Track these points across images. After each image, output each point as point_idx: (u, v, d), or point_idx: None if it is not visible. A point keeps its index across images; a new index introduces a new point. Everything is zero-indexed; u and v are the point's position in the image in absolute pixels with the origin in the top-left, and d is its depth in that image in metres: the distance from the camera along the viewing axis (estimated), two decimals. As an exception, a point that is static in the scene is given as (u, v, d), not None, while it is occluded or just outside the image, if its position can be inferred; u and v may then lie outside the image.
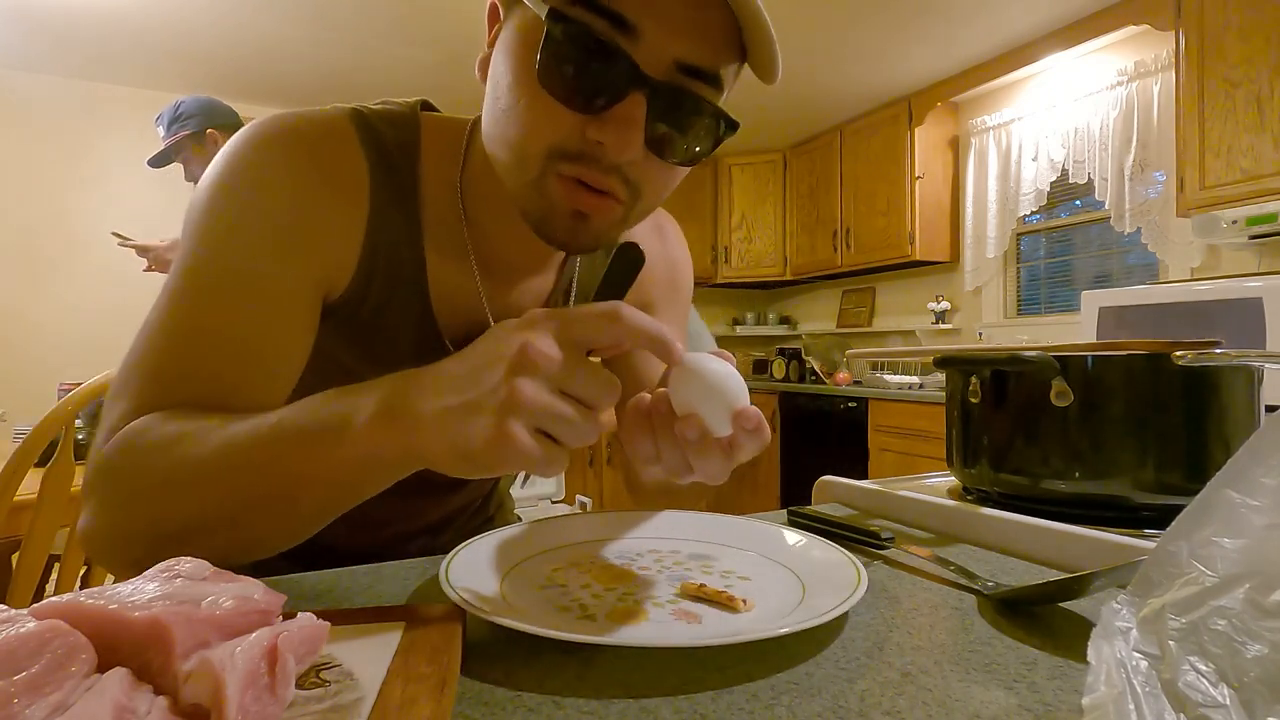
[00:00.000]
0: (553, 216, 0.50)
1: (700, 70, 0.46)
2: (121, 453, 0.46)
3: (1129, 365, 0.61)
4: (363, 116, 0.57)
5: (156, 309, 0.51)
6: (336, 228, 0.55)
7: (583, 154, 0.47)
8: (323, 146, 0.55)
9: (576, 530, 0.58)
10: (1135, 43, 2.92)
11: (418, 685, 0.30)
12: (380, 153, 0.57)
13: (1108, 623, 0.28)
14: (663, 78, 0.45)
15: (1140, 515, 0.60)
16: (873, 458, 3.42)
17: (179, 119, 2.06)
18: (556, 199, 0.49)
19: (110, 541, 0.46)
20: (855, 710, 0.32)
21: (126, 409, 0.48)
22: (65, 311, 3.40)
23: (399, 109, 0.60)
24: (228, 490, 0.43)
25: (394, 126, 0.58)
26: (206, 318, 0.50)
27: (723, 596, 0.44)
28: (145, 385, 0.49)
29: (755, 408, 0.41)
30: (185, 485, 0.44)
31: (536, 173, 0.48)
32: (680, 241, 0.80)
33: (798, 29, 3.02)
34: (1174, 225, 2.78)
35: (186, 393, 0.48)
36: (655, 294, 0.76)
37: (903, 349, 1.03)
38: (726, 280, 4.63)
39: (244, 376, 0.50)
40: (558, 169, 0.48)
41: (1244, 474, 0.29)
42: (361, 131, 0.56)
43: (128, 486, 0.46)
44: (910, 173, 3.64)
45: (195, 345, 0.49)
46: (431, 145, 0.59)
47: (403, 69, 3.39)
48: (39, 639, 0.25)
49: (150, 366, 0.49)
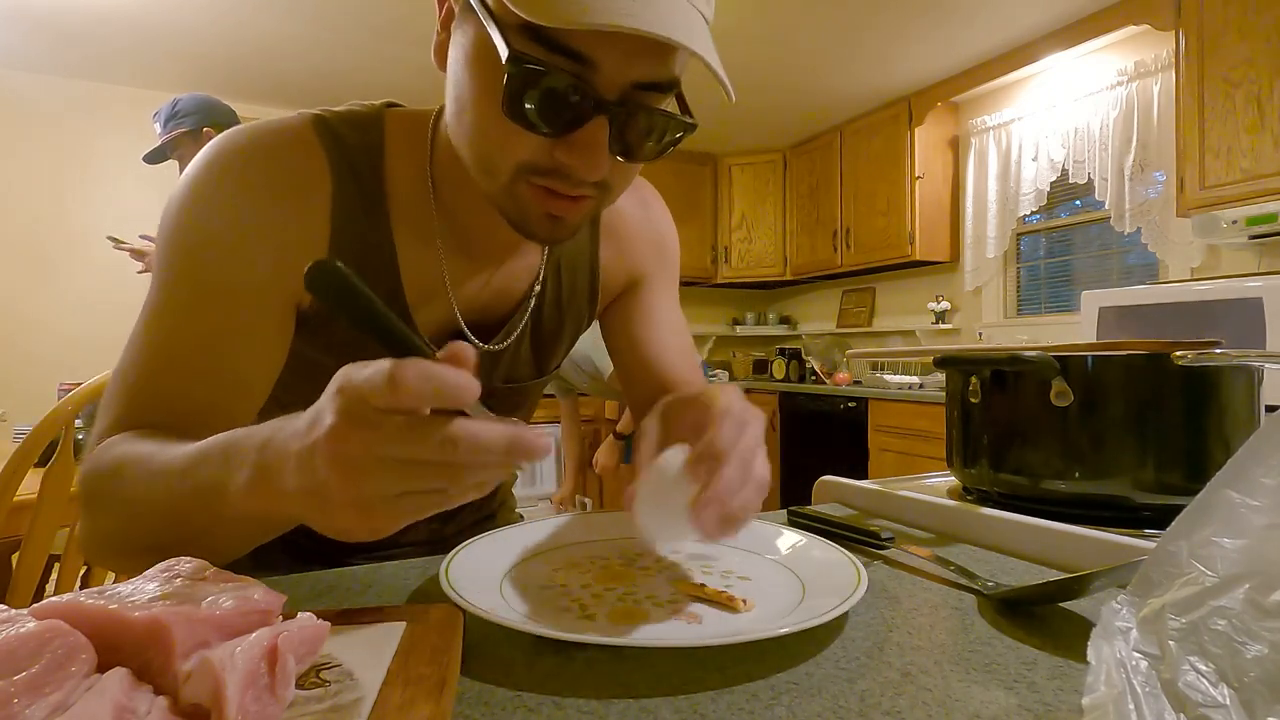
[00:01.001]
0: (528, 218, 0.52)
1: (656, 83, 0.48)
2: (95, 472, 0.49)
3: (1129, 365, 0.61)
4: (324, 122, 0.57)
5: (137, 325, 0.54)
6: (300, 237, 0.55)
7: (552, 171, 0.48)
8: (283, 157, 0.55)
9: (576, 530, 0.58)
10: (1135, 43, 2.92)
11: (417, 685, 0.30)
12: (343, 156, 0.57)
13: (1108, 623, 0.28)
14: (622, 98, 0.47)
15: (1140, 515, 0.60)
16: (873, 458, 3.42)
17: (176, 116, 2.06)
18: (529, 203, 0.50)
19: (101, 550, 0.50)
20: (855, 710, 0.32)
21: (104, 426, 0.52)
22: (65, 311, 3.40)
23: (362, 110, 0.60)
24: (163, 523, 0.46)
25: (357, 129, 0.58)
26: (177, 337, 0.53)
27: (723, 596, 0.44)
28: (121, 402, 0.52)
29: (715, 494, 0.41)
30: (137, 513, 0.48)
31: (507, 181, 0.50)
32: (664, 211, 0.79)
33: (798, 29, 3.02)
34: (1174, 225, 2.77)
35: (157, 411, 0.52)
36: (644, 266, 0.76)
37: (903, 349, 1.03)
38: (726, 280, 4.63)
39: (213, 393, 0.53)
40: (528, 179, 0.49)
41: (1244, 474, 0.29)
42: (323, 137, 0.57)
43: (97, 504, 0.50)
44: (910, 173, 3.64)
45: (167, 365, 0.53)
46: (397, 142, 0.59)
47: (402, 69, 3.39)
48: (39, 639, 0.25)
49: (126, 385, 0.53)
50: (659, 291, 0.78)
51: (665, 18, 0.43)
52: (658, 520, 0.42)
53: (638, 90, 0.47)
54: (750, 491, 0.43)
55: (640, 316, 0.76)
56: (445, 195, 0.60)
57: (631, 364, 0.77)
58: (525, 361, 0.70)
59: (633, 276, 0.76)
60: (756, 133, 4.28)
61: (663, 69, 0.47)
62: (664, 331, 0.77)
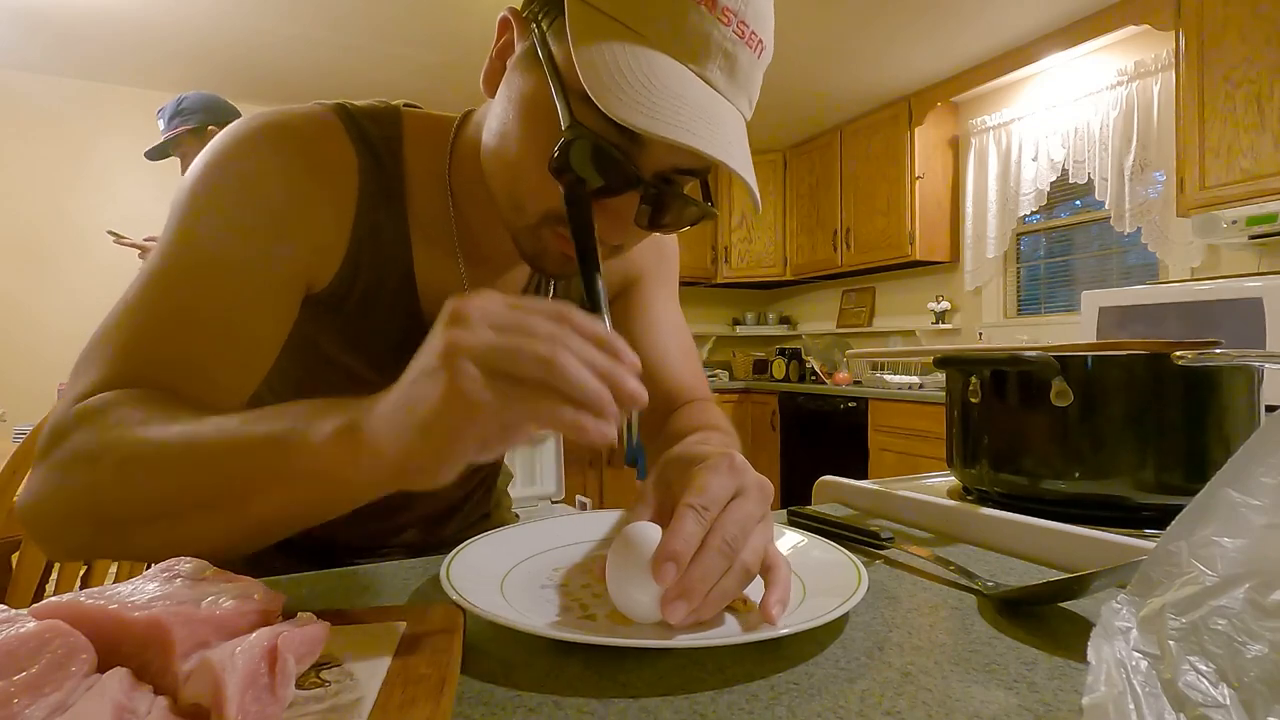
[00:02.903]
0: (544, 257, 0.54)
1: (692, 171, 0.51)
2: (84, 425, 0.44)
3: (1129, 365, 0.61)
4: (348, 112, 0.58)
5: (135, 286, 0.51)
6: (324, 218, 0.56)
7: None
8: (313, 139, 0.56)
9: (577, 530, 0.58)
10: (1135, 43, 2.92)
11: (417, 685, 0.30)
12: (367, 146, 0.58)
13: (1108, 623, 0.28)
14: (657, 178, 0.50)
15: (1140, 515, 0.60)
16: (873, 458, 3.42)
17: (180, 113, 2.06)
18: (549, 245, 0.53)
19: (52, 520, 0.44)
20: (855, 710, 0.32)
21: (95, 380, 0.47)
22: (65, 311, 3.40)
23: (382, 106, 0.61)
24: (184, 482, 0.42)
25: (378, 122, 0.59)
26: (183, 300, 0.50)
27: (723, 596, 0.44)
28: (117, 360, 0.48)
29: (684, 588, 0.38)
30: (142, 470, 0.42)
31: (533, 223, 0.52)
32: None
33: (799, 29, 3.02)
34: (1174, 225, 2.77)
35: (156, 371, 0.48)
36: (642, 265, 0.76)
37: (903, 349, 1.03)
38: (726, 280, 4.63)
39: (215, 361, 0.50)
40: (554, 228, 0.52)
41: (1244, 474, 0.29)
42: (348, 126, 0.57)
43: (85, 459, 0.43)
44: (910, 173, 3.64)
45: (170, 326, 0.49)
46: (415, 140, 0.60)
47: (402, 69, 3.39)
48: (39, 639, 0.25)
49: (123, 342, 0.49)
50: (656, 291, 0.78)
51: (720, 139, 0.46)
52: (629, 597, 0.39)
53: (674, 173, 0.50)
54: (731, 582, 0.39)
55: (638, 316, 0.76)
56: (461, 202, 0.61)
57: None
58: None
59: (629, 276, 0.76)
60: (756, 133, 4.27)
61: (700, 162, 0.49)
62: (662, 332, 0.77)
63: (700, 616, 0.38)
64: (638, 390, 0.35)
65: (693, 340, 0.82)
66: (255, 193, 0.53)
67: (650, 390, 0.72)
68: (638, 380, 0.35)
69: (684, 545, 0.38)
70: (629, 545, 0.40)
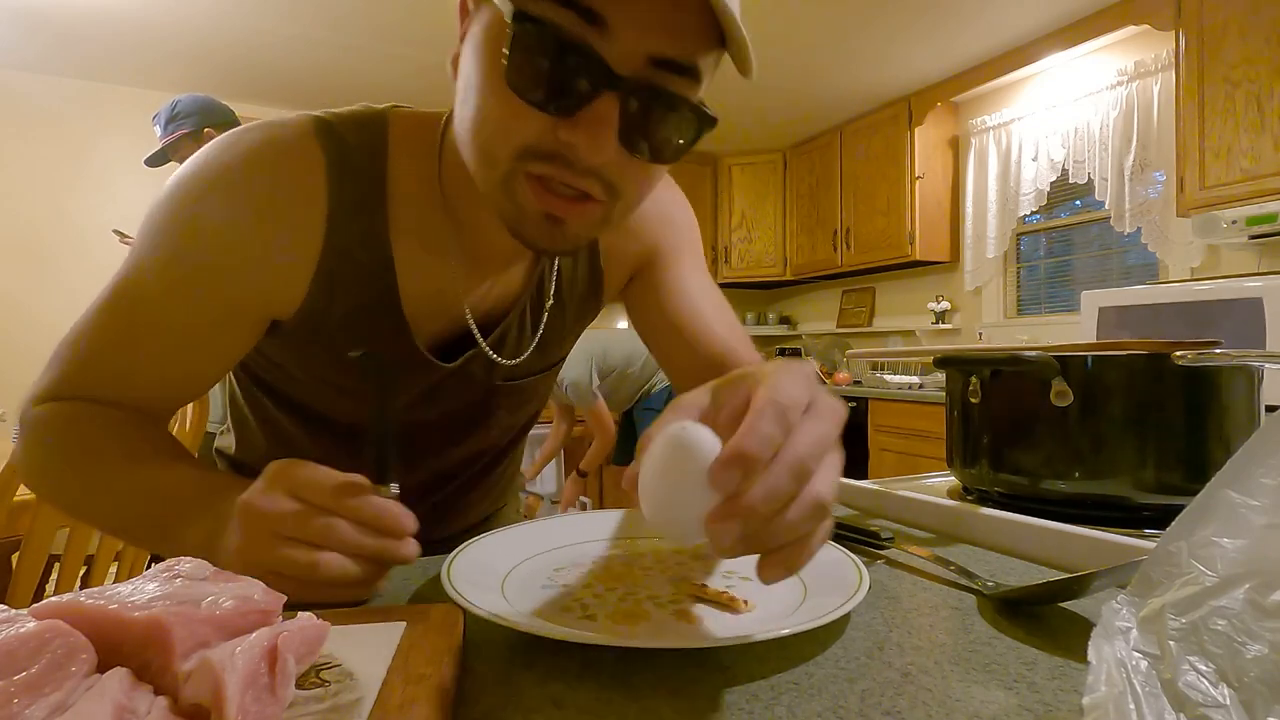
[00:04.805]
0: (524, 220, 0.48)
1: (675, 63, 0.43)
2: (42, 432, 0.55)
3: (1129, 365, 0.61)
4: (325, 123, 0.56)
5: (104, 293, 0.55)
6: (283, 248, 0.55)
7: (555, 154, 0.45)
8: (280, 171, 0.54)
9: (577, 530, 0.58)
10: (1135, 43, 2.92)
11: (417, 685, 0.30)
12: (343, 158, 0.56)
13: (1108, 623, 0.28)
14: (635, 74, 0.43)
15: (1140, 515, 0.60)
16: (873, 458, 3.42)
17: (176, 118, 2.05)
18: (525, 201, 0.47)
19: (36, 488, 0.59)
20: (855, 710, 0.32)
21: (55, 379, 0.56)
22: (65, 311, 3.37)
23: (367, 112, 0.59)
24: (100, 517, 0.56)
25: (360, 128, 0.57)
26: (141, 322, 0.55)
27: (724, 597, 0.44)
28: (76, 366, 0.56)
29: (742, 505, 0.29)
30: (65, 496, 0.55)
31: (504, 171, 0.47)
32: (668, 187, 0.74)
33: (798, 29, 3.02)
34: (1174, 225, 2.78)
35: (103, 385, 0.56)
36: (655, 242, 0.72)
37: (903, 349, 1.03)
38: (726, 280, 4.63)
39: (152, 383, 0.57)
40: (527, 168, 0.46)
41: (1244, 474, 0.29)
42: (323, 140, 0.55)
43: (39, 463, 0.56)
44: (910, 173, 3.64)
45: (116, 347, 0.55)
46: (402, 143, 0.58)
47: (402, 69, 3.39)
48: (39, 639, 0.25)
49: (77, 352, 0.55)
50: (680, 263, 0.74)
51: None
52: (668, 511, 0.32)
53: (654, 68, 0.43)
54: (797, 513, 0.31)
55: (666, 290, 0.72)
56: (452, 199, 0.58)
57: (668, 343, 0.72)
58: (526, 357, 0.70)
59: (644, 256, 0.73)
60: (756, 133, 4.28)
61: (683, 45, 0.43)
62: (697, 300, 0.72)
63: (751, 550, 0.31)
64: (409, 554, 0.44)
65: (726, 301, 0.76)
66: (214, 230, 0.54)
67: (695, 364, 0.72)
68: (409, 547, 0.44)
69: (760, 448, 0.29)
70: (677, 446, 0.31)
